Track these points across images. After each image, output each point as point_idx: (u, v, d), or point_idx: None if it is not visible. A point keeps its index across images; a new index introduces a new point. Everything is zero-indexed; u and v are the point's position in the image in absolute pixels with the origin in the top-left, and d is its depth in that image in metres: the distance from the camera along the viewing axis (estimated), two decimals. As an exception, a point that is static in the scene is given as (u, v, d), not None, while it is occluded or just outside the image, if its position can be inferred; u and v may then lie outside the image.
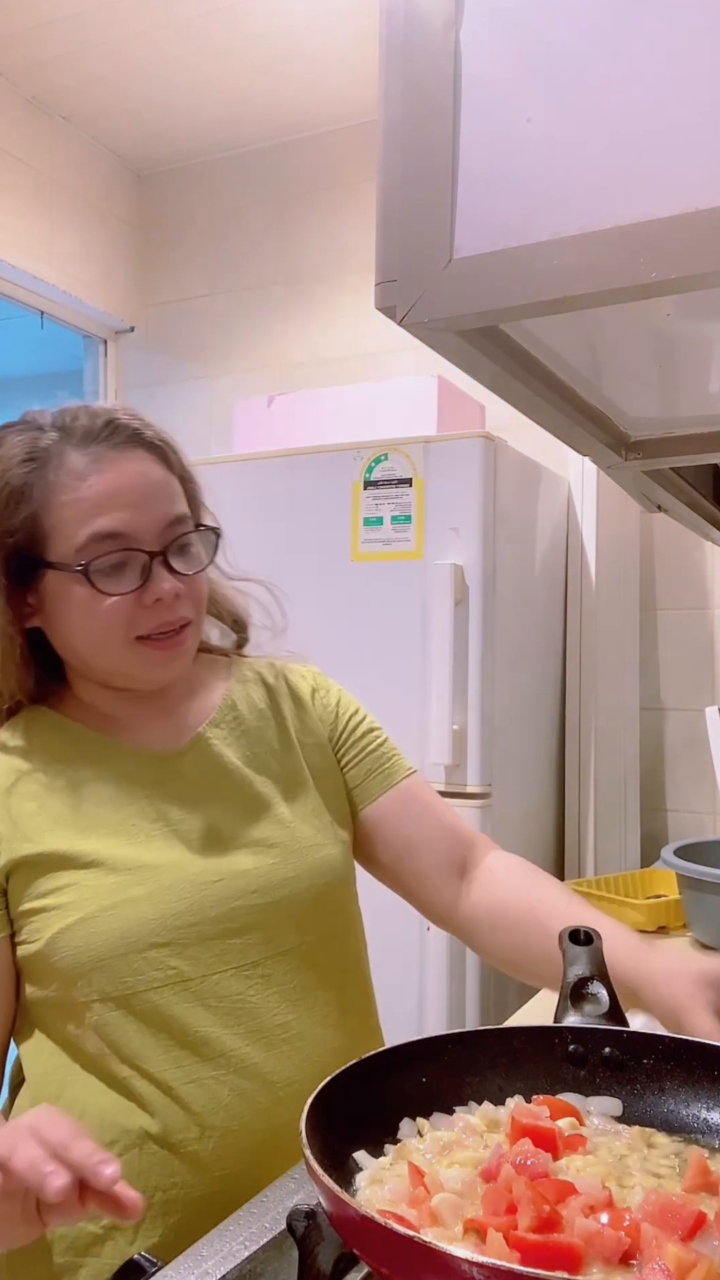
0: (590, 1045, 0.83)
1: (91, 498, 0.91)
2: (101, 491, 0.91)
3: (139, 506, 0.92)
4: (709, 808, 2.49)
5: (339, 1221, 0.60)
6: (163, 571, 0.93)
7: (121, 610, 0.92)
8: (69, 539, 0.92)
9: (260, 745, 1.05)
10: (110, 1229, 0.90)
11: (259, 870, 0.97)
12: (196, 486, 1.02)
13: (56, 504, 0.92)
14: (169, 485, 0.96)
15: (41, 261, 2.88)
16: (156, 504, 0.94)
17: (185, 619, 0.96)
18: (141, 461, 0.94)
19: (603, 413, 1.10)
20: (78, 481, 0.92)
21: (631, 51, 0.65)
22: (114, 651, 0.94)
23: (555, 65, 0.67)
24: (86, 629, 0.94)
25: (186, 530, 0.96)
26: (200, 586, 0.98)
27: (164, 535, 0.94)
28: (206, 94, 2.80)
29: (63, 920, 0.90)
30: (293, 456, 2.17)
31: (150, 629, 0.94)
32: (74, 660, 0.98)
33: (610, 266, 0.64)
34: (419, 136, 0.71)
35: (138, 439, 0.95)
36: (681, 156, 0.63)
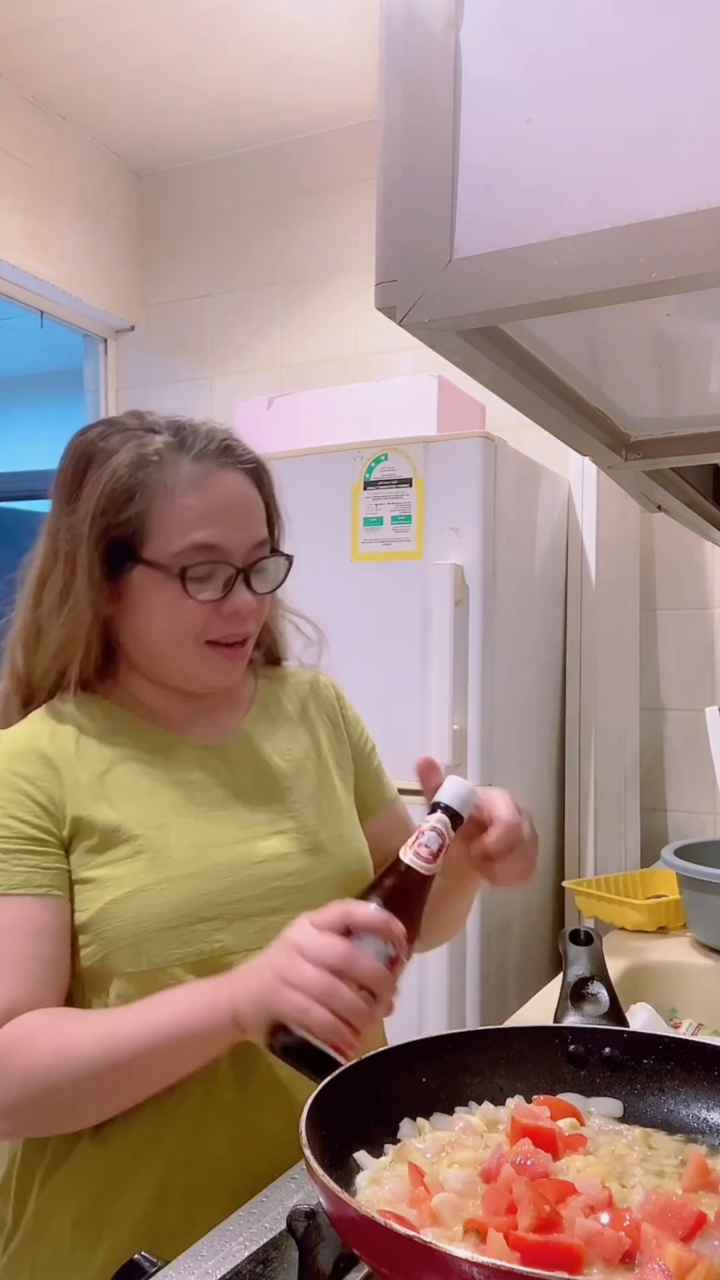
0: (590, 1045, 0.83)
1: (198, 508, 0.97)
2: (208, 504, 0.98)
3: (235, 524, 0.99)
4: (709, 808, 2.49)
5: (339, 1221, 0.60)
6: (243, 587, 1.00)
7: (201, 615, 0.98)
8: (169, 542, 0.97)
9: (293, 741, 1.11)
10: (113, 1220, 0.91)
11: (296, 854, 1.02)
12: (279, 511, 1.09)
13: (164, 507, 0.97)
14: (260, 507, 1.03)
15: (41, 261, 2.88)
16: (249, 524, 1.01)
17: (250, 633, 1.03)
18: (242, 483, 1.01)
19: (603, 413, 1.10)
20: (191, 490, 0.98)
21: (631, 52, 0.65)
22: (184, 650, 1.00)
23: (555, 66, 0.67)
24: (164, 626, 0.99)
25: (266, 554, 1.03)
26: (266, 606, 1.05)
27: (250, 554, 1.01)
28: (206, 94, 2.80)
29: (116, 891, 0.93)
30: (293, 457, 2.17)
31: (220, 635, 1.00)
32: (139, 653, 1.03)
33: (610, 266, 0.64)
34: (419, 136, 0.71)
35: (240, 461, 1.02)
36: (681, 156, 0.63)
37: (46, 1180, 0.94)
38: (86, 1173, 0.93)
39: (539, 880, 2.30)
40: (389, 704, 2.03)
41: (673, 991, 1.62)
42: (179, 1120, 0.92)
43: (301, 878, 1.01)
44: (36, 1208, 0.95)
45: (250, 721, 1.10)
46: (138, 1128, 0.92)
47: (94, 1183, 0.93)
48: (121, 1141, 0.92)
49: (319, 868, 1.03)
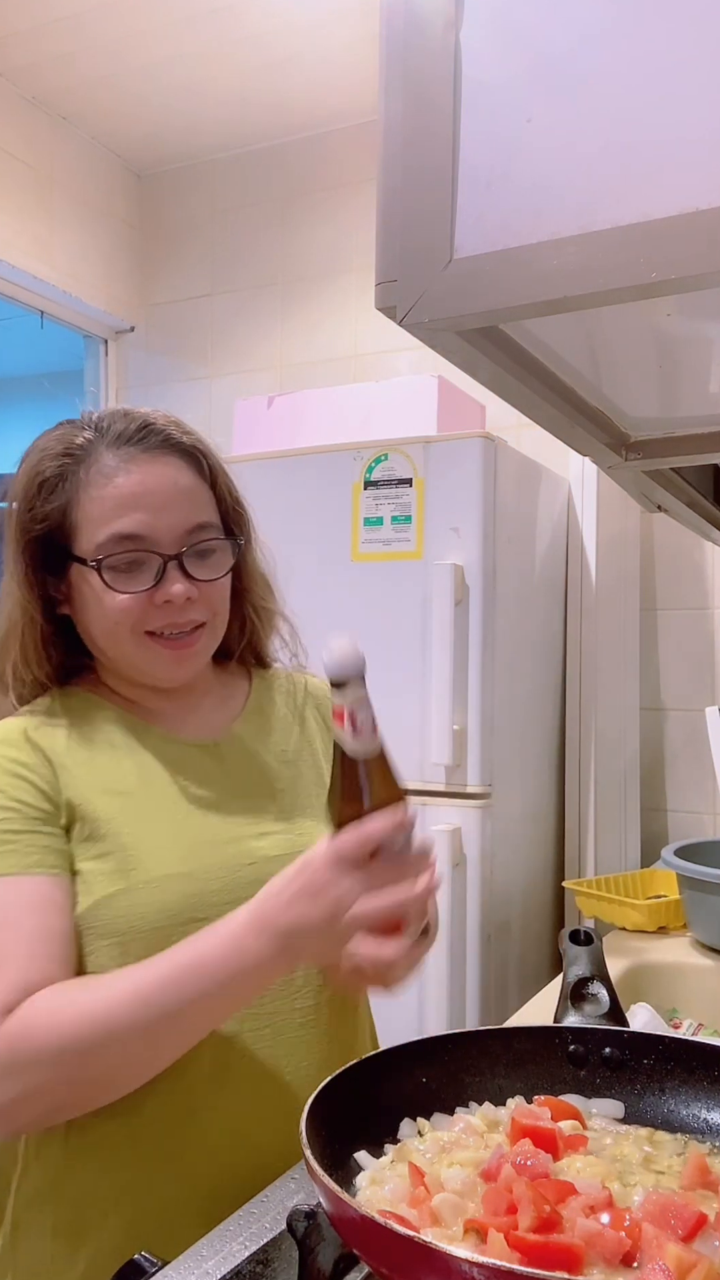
0: (590, 1045, 0.83)
1: (116, 497, 0.94)
2: (126, 493, 0.95)
3: (160, 510, 0.95)
4: (709, 808, 2.49)
5: (339, 1221, 0.60)
6: (176, 574, 0.95)
7: (132, 607, 0.95)
8: (91, 535, 0.95)
9: (285, 743, 1.09)
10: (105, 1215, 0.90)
11: (288, 857, 0.99)
12: (231, 496, 1.04)
13: (84, 500, 0.96)
14: (197, 491, 0.99)
15: (41, 261, 2.88)
16: (179, 509, 0.96)
17: (196, 621, 0.98)
18: (170, 466, 0.97)
19: (603, 413, 1.10)
20: (106, 480, 0.95)
21: (631, 52, 0.65)
22: (124, 644, 0.97)
23: (555, 66, 0.67)
24: (100, 622, 0.97)
25: (209, 537, 0.98)
26: (217, 592, 1.00)
27: (183, 540, 0.96)
28: (206, 94, 2.80)
29: (106, 888, 0.92)
30: (293, 457, 2.17)
31: (158, 627, 0.96)
32: (96, 651, 1.02)
33: (610, 266, 0.64)
34: (419, 137, 0.71)
35: (170, 444, 0.98)
36: (681, 156, 0.63)
37: (21, 1188, 0.93)
38: (63, 1182, 0.91)
39: (539, 880, 2.30)
40: (389, 704, 2.02)
41: (673, 991, 1.62)
42: (154, 1127, 0.91)
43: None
44: (14, 1218, 0.93)
45: (244, 722, 1.08)
46: (112, 1136, 0.90)
47: (71, 1192, 0.91)
48: (96, 1151, 0.91)
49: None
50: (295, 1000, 0.98)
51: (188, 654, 0.99)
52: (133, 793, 0.97)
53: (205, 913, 0.92)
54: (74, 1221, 0.91)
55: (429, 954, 1.67)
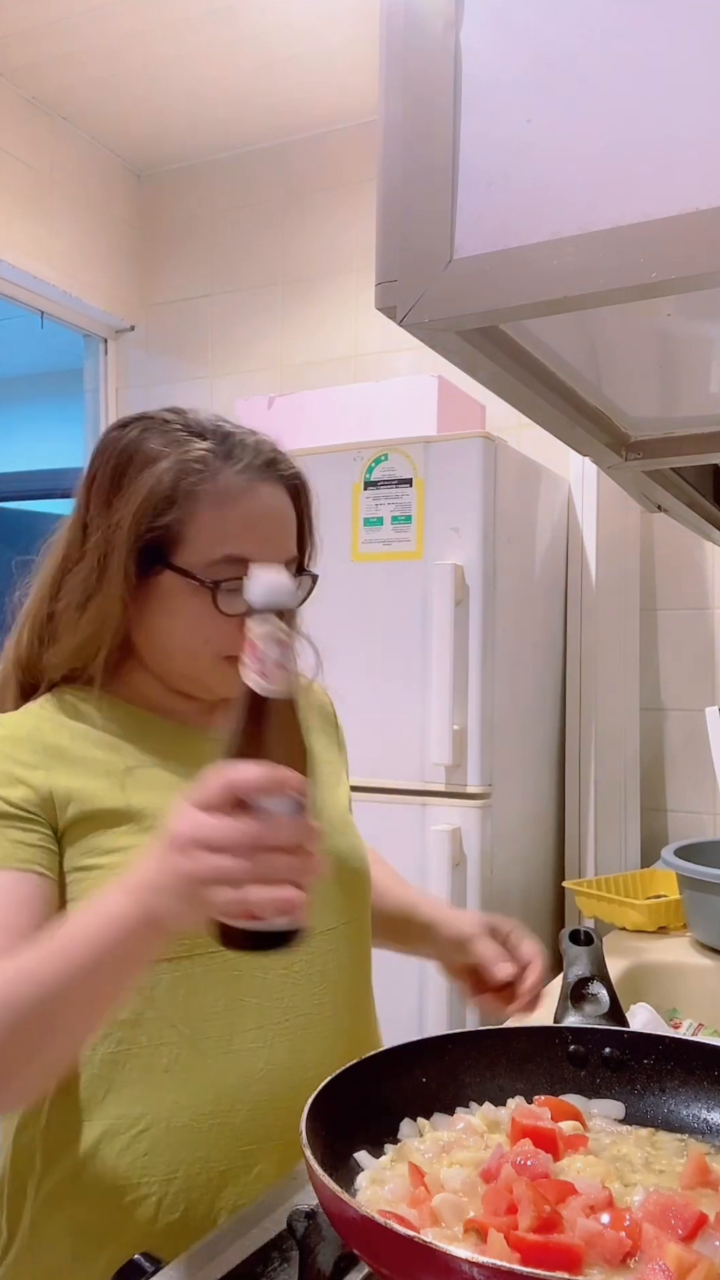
0: (590, 1045, 0.83)
1: (237, 520, 0.96)
2: (246, 518, 0.97)
3: (269, 540, 0.98)
4: (709, 808, 2.49)
5: (339, 1222, 0.60)
6: None
7: (225, 630, 0.96)
8: (203, 552, 0.96)
9: None
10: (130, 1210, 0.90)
11: None
12: (313, 530, 1.08)
13: (204, 517, 0.96)
14: (293, 523, 1.03)
15: (41, 261, 2.88)
16: (282, 541, 1.00)
17: None
18: (281, 498, 1.01)
19: (603, 413, 1.10)
20: (228, 502, 0.97)
21: (631, 52, 0.65)
22: (202, 663, 0.98)
23: (555, 66, 0.67)
24: (186, 635, 0.97)
25: (297, 573, 1.02)
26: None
27: None
28: (206, 94, 2.80)
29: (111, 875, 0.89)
30: (293, 457, 2.17)
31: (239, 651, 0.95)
32: (152, 655, 1.01)
33: (610, 266, 0.64)
34: (419, 137, 0.71)
35: (282, 476, 1.01)
36: (681, 156, 0.63)
37: (40, 1189, 0.93)
38: (83, 1182, 0.91)
39: (539, 880, 2.30)
40: (389, 704, 2.03)
41: (673, 991, 1.62)
42: (176, 1128, 0.91)
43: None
44: (33, 1217, 0.93)
45: None
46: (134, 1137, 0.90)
47: (92, 1192, 0.91)
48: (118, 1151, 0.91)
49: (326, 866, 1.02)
50: (316, 997, 0.99)
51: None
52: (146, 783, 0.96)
53: None
54: (93, 1223, 0.91)
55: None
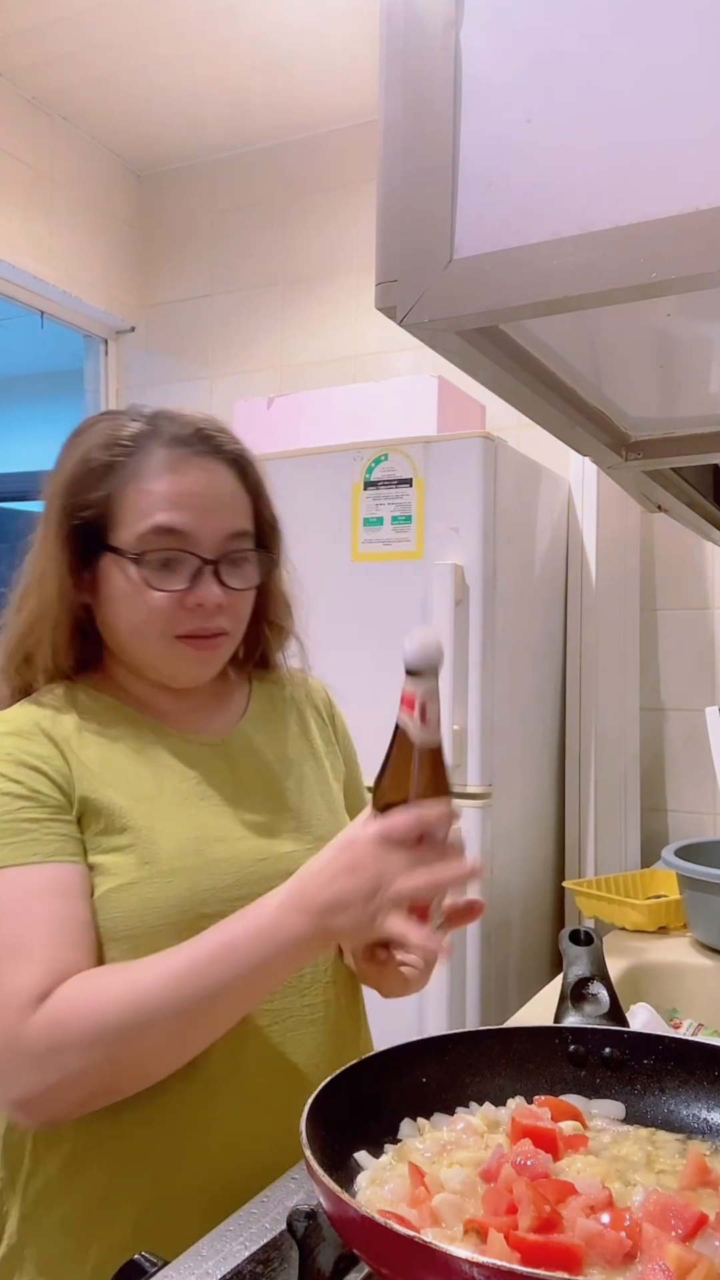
0: (590, 1045, 0.83)
1: (163, 492, 0.95)
2: (174, 489, 0.95)
3: (204, 512, 0.96)
4: (709, 808, 2.49)
5: (339, 1222, 0.60)
6: (211, 579, 0.96)
7: (164, 608, 0.95)
8: (132, 527, 0.95)
9: (286, 743, 1.10)
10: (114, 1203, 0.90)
11: (299, 854, 0.99)
12: (269, 509, 1.05)
13: (130, 491, 0.95)
14: (239, 499, 1.00)
15: (41, 261, 2.88)
16: (221, 514, 0.97)
17: (221, 629, 0.99)
18: (216, 473, 0.98)
19: (603, 413, 1.10)
20: (155, 475, 0.95)
21: (631, 52, 0.65)
22: (151, 644, 0.97)
23: (555, 66, 0.67)
24: (129, 617, 0.97)
25: (244, 547, 0.99)
26: (244, 604, 1.01)
27: (221, 546, 0.97)
28: (206, 94, 2.80)
29: (116, 879, 0.91)
30: (293, 457, 2.17)
31: (187, 630, 0.97)
32: (114, 645, 1.01)
33: (610, 266, 0.64)
34: (419, 137, 0.71)
35: (219, 450, 0.99)
36: (681, 156, 0.63)
37: (30, 1185, 0.93)
38: (73, 1179, 0.91)
39: (539, 880, 2.30)
40: (389, 704, 2.02)
41: (673, 991, 1.62)
42: (166, 1124, 0.91)
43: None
44: (22, 1215, 0.93)
45: (248, 723, 1.08)
46: (123, 1134, 0.90)
47: (82, 1189, 0.91)
48: (107, 1148, 0.91)
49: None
50: (304, 997, 0.98)
51: (209, 656, 0.99)
52: (145, 788, 0.96)
53: (216, 908, 0.92)
54: (84, 1219, 0.91)
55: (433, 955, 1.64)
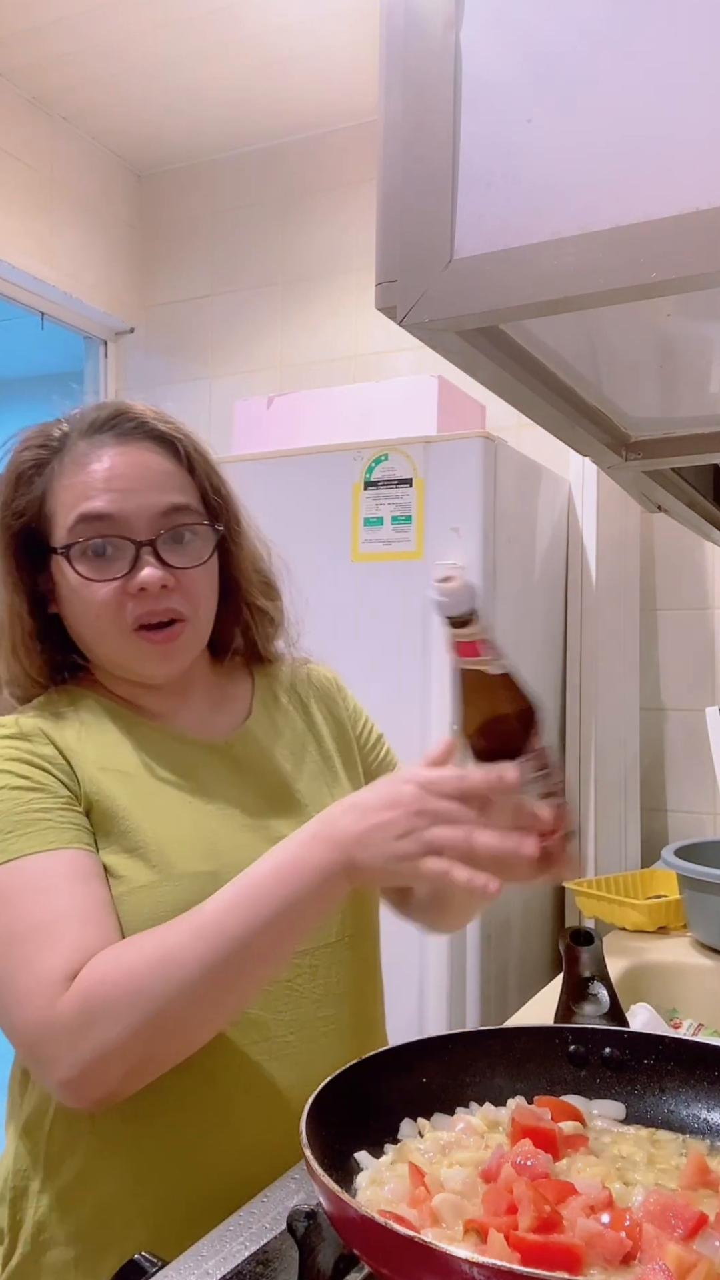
0: (590, 1046, 0.83)
1: (87, 481, 0.93)
2: (96, 476, 0.93)
3: (131, 492, 0.93)
4: (709, 808, 2.49)
5: (339, 1222, 0.60)
6: (149, 559, 0.92)
7: (109, 598, 0.92)
8: (63, 523, 0.93)
9: (294, 741, 1.07)
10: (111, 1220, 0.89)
11: None
12: (216, 481, 1.01)
13: (57, 489, 0.94)
14: (171, 476, 0.96)
15: (42, 262, 2.88)
16: (151, 491, 0.94)
17: (174, 612, 0.95)
18: (144, 452, 0.95)
19: (603, 413, 1.10)
20: (77, 467, 0.93)
21: (631, 52, 0.65)
22: (112, 640, 0.94)
23: (555, 66, 0.67)
24: (83, 616, 0.95)
25: (184, 521, 0.95)
26: (196, 583, 0.96)
27: (156, 524, 0.93)
28: (206, 94, 2.80)
29: (127, 884, 0.90)
30: (293, 457, 2.17)
31: (137, 618, 0.93)
32: (85, 650, 0.99)
33: (610, 266, 0.64)
34: (419, 137, 0.71)
35: (144, 430, 0.96)
36: (681, 156, 0.63)
37: (44, 1193, 0.92)
38: (87, 1188, 0.90)
39: (539, 880, 2.30)
40: (389, 704, 2.02)
41: (673, 991, 1.62)
42: (182, 1132, 0.90)
43: None
44: (36, 1222, 0.92)
45: (254, 724, 1.06)
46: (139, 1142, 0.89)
47: (95, 1198, 0.90)
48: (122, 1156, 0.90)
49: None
50: (320, 1008, 0.96)
51: (171, 649, 0.95)
52: (149, 792, 0.95)
53: None
54: (98, 1229, 0.90)
55: (429, 953, 1.64)
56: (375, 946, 1.08)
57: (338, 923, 1.00)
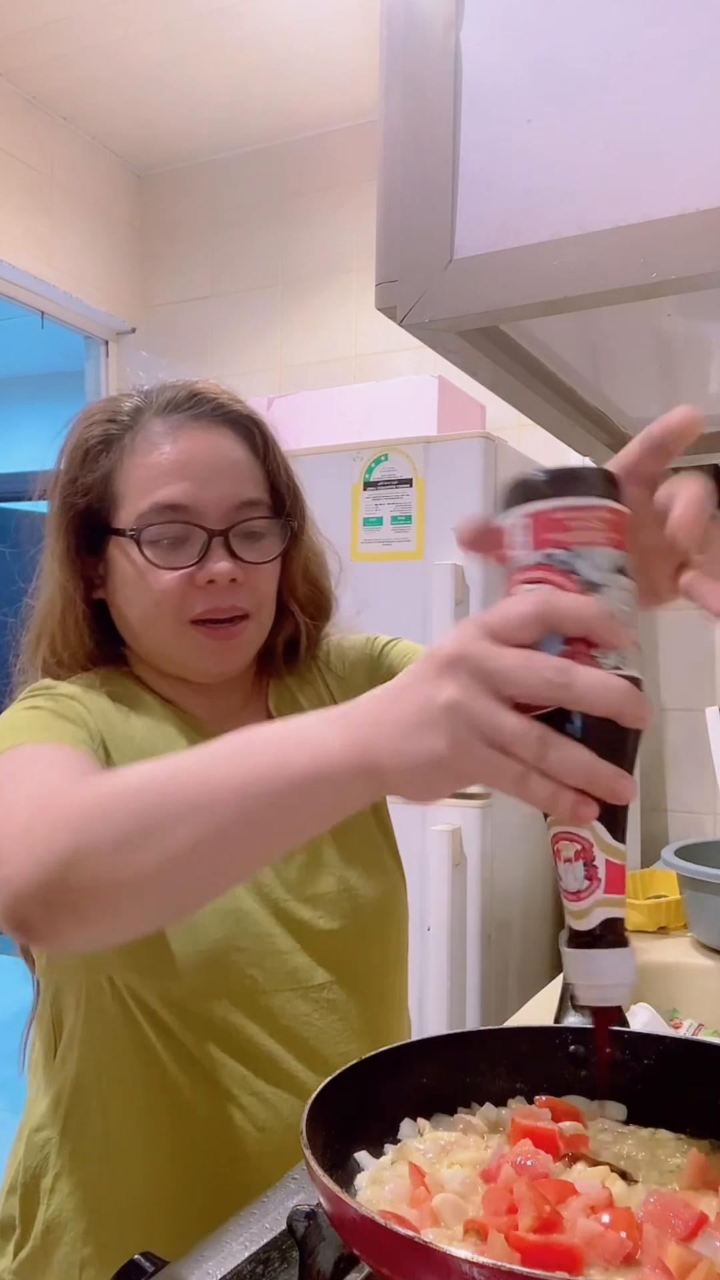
0: (591, 1046, 0.83)
1: (161, 464, 0.88)
2: (172, 460, 0.88)
3: (207, 481, 0.88)
4: (709, 808, 2.49)
5: (339, 1222, 0.60)
6: (221, 552, 0.88)
7: (173, 588, 0.87)
8: (133, 506, 0.88)
9: None
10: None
11: (330, 895, 0.93)
12: (286, 474, 0.97)
13: (129, 467, 0.89)
14: (247, 466, 0.92)
15: (42, 262, 2.88)
16: (227, 482, 0.89)
17: (240, 610, 0.90)
18: (221, 437, 0.91)
19: (603, 413, 1.10)
20: (151, 448, 0.89)
21: (631, 54, 0.65)
22: (165, 631, 0.90)
23: (555, 67, 0.67)
24: (139, 603, 0.90)
25: (257, 515, 0.91)
26: (264, 579, 0.92)
27: (230, 516, 0.89)
28: (206, 94, 2.80)
29: None
30: (292, 457, 2.16)
31: (202, 612, 0.88)
32: (130, 639, 0.94)
33: (610, 266, 0.64)
34: (419, 138, 0.71)
35: (222, 414, 0.92)
36: (681, 156, 0.63)
37: (54, 1192, 0.91)
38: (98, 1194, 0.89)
39: (539, 880, 2.30)
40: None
41: (673, 992, 1.61)
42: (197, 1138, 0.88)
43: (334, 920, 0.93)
44: (47, 1220, 0.91)
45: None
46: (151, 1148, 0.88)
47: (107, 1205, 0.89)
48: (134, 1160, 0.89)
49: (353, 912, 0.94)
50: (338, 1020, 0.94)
51: (231, 645, 0.90)
52: None
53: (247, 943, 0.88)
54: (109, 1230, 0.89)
55: (429, 953, 1.64)
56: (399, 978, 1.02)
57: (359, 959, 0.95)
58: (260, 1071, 0.89)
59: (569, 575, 0.53)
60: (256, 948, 0.89)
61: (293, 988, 0.91)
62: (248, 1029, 0.89)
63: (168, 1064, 0.89)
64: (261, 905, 0.91)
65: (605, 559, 0.54)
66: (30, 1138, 0.94)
